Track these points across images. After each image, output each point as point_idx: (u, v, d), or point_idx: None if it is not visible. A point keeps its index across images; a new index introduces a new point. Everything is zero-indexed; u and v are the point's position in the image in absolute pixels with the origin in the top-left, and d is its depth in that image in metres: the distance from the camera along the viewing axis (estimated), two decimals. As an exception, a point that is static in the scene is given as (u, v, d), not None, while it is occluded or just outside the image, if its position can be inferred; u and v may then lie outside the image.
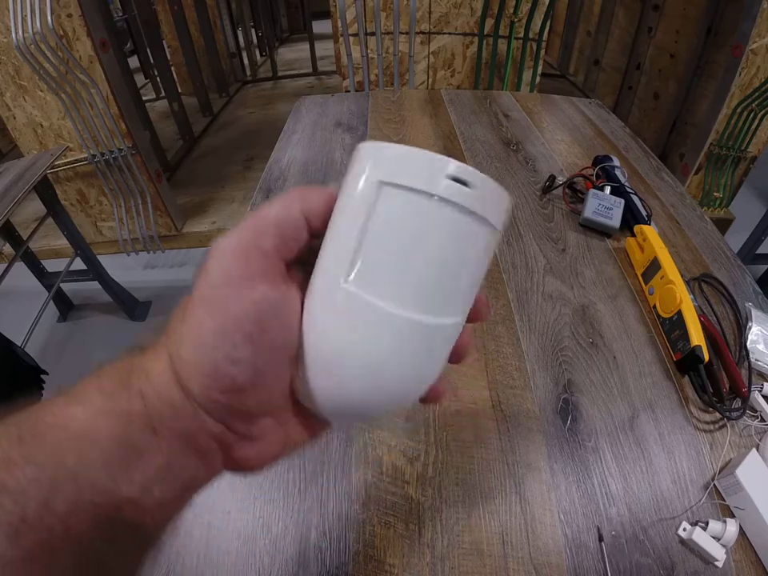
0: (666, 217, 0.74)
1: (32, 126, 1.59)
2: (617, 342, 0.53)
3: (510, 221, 0.72)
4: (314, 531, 0.38)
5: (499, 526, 0.38)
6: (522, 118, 1.05)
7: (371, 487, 0.41)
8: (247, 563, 0.37)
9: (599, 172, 0.76)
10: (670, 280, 0.54)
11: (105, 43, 1.48)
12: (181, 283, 1.84)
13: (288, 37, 4.68)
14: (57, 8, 1.34)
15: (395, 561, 0.37)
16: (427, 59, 1.77)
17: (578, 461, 0.43)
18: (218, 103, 3.14)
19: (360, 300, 0.17)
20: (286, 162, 0.89)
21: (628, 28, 2.40)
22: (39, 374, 1.04)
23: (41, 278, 1.57)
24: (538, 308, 0.57)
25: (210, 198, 2.18)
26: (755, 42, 1.52)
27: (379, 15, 1.60)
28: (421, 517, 0.39)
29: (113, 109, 1.56)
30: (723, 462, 0.43)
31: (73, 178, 1.73)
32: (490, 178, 0.17)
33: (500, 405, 0.47)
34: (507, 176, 0.83)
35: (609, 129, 1.01)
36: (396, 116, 1.05)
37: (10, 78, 1.47)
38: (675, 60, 2.04)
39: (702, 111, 1.86)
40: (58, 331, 1.67)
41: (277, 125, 1.14)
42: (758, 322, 0.54)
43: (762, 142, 1.75)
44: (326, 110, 1.09)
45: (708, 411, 0.47)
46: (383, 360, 0.18)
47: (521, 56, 1.75)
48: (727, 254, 0.67)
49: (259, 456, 0.19)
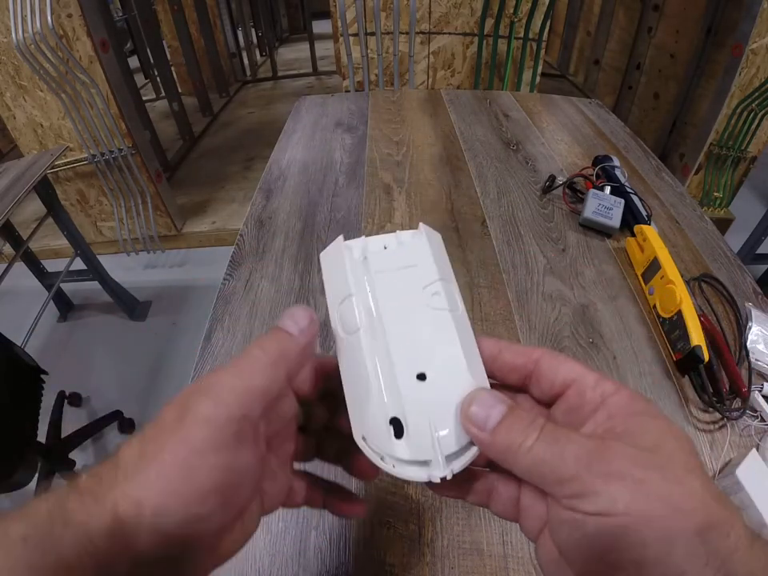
0: (666, 217, 0.74)
1: (32, 126, 1.59)
2: (617, 342, 0.53)
3: (511, 220, 0.72)
4: (314, 531, 0.38)
5: (499, 526, 0.38)
6: (522, 118, 1.05)
7: (371, 487, 0.41)
8: (247, 563, 0.36)
9: (599, 172, 0.76)
10: (670, 280, 0.54)
11: (105, 43, 1.48)
12: (181, 283, 1.84)
13: (288, 37, 4.68)
14: (57, 8, 1.34)
15: (395, 561, 0.37)
16: (427, 59, 1.77)
17: (577, 461, 0.43)
18: (218, 103, 3.14)
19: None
20: (285, 162, 0.89)
21: (628, 28, 2.40)
22: (39, 374, 1.04)
23: (41, 278, 1.57)
24: (538, 308, 0.57)
25: (210, 198, 2.18)
26: (755, 42, 1.52)
27: (379, 15, 1.60)
28: (421, 517, 0.39)
29: (113, 109, 1.56)
30: (723, 461, 0.43)
31: (73, 178, 1.73)
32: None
33: (500, 405, 0.47)
34: (507, 176, 0.83)
35: (609, 129, 1.01)
36: (396, 116, 1.05)
37: (9, 78, 1.47)
38: (675, 60, 2.04)
39: (702, 111, 1.86)
40: (58, 331, 1.67)
41: (277, 125, 1.14)
42: (758, 322, 0.54)
43: (762, 141, 1.75)
44: (326, 110, 1.09)
45: (708, 411, 0.47)
46: None
47: (521, 56, 1.75)
48: (727, 254, 0.67)
49: (230, 546, 0.18)
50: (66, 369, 1.48)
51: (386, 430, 0.19)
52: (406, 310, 0.21)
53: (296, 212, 0.75)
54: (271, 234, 0.70)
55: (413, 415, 0.19)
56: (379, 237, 0.24)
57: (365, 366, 0.20)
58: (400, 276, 0.22)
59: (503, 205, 0.76)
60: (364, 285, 0.22)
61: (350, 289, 0.22)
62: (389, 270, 0.22)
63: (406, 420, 0.19)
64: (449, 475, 0.18)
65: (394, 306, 0.21)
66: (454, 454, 0.19)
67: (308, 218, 0.73)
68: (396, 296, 0.21)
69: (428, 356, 0.20)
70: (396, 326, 0.21)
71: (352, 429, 0.20)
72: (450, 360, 0.20)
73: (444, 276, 0.22)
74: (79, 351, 1.59)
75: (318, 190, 0.80)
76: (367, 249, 0.23)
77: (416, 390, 0.19)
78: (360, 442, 0.20)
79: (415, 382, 0.19)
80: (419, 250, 0.23)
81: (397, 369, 0.19)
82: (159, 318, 1.70)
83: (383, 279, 0.22)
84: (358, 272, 0.22)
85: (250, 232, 0.71)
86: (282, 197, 0.79)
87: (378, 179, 0.82)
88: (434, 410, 0.19)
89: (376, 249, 0.23)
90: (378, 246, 0.24)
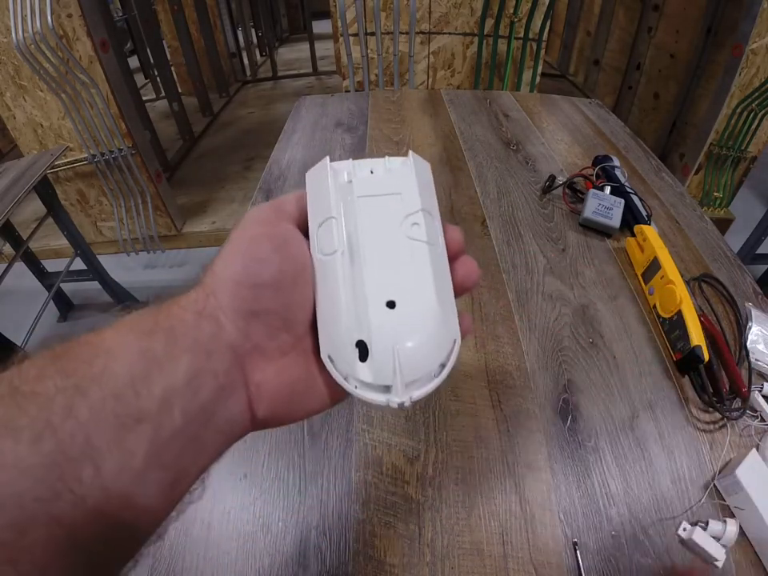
0: (666, 217, 0.74)
1: (32, 126, 1.58)
2: (617, 342, 0.53)
3: (511, 220, 0.72)
4: (314, 531, 0.38)
5: (499, 526, 0.38)
6: (522, 118, 1.05)
7: (371, 487, 0.41)
8: (247, 563, 0.37)
9: (599, 172, 0.76)
10: (670, 280, 0.54)
11: (105, 43, 1.47)
12: (181, 283, 1.83)
13: (288, 37, 4.68)
14: (57, 8, 1.34)
15: (395, 561, 0.37)
16: (427, 59, 1.77)
17: (578, 461, 0.43)
18: (218, 103, 3.14)
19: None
20: (285, 162, 0.89)
21: (628, 28, 2.40)
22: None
23: (41, 278, 1.57)
24: (537, 308, 0.57)
25: (210, 198, 2.17)
26: (755, 42, 1.52)
27: (379, 15, 1.60)
28: (421, 517, 0.39)
29: (113, 109, 1.56)
30: (723, 461, 0.43)
31: (73, 178, 1.73)
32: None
33: (500, 405, 0.47)
34: (507, 176, 0.83)
35: (609, 129, 1.01)
36: (396, 116, 1.05)
37: (9, 78, 1.47)
38: (675, 60, 2.04)
39: (701, 111, 1.86)
40: (58, 331, 1.67)
41: (277, 125, 1.14)
42: (758, 322, 0.54)
43: (762, 141, 1.75)
44: (325, 110, 1.09)
45: (708, 411, 0.47)
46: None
47: (521, 56, 1.75)
48: (727, 254, 0.67)
49: (278, 378, 0.20)
50: (66, 369, 1.47)
51: (351, 351, 0.19)
52: (384, 238, 0.21)
53: (296, 212, 0.75)
54: (271, 234, 0.70)
55: (378, 341, 0.19)
56: (367, 160, 0.24)
57: (337, 288, 0.20)
58: (382, 202, 0.22)
59: (503, 205, 0.76)
60: (345, 208, 0.22)
61: (330, 211, 0.22)
62: (372, 195, 0.22)
63: (371, 345, 0.19)
64: (407, 402, 0.19)
65: (372, 233, 0.21)
66: (415, 382, 0.19)
67: (308, 218, 0.73)
68: (376, 223, 0.22)
69: (400, 285, 0.20)
70: (372, 253, 0.21)
71: (320, 345, 0.21)
72: (420, 291, 0.20)
73: (426, 207, 0.22)
74: (79, 351, 1.59)
75: (318, 190, 0.80)
76: (353, 172, 0.23)
77: (384, 316, 0.20)
78: (326, 361, 0.20)
79: (384, 308, 0.20)
80: (405, 179, 0.23)
81: (368, 294, 0.20)
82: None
83: (365, 204, 0.22)
84: (340, 195, 0.22)
85: (250, 232, 0.71)
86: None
87: (378, 179, 0.82)
88: (400, 338, 0.19)
89: (362, 173, 0.23)
90: (365, 170, 0.24)
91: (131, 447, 0.15)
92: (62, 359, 0.16)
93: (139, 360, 0.16)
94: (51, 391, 0.15)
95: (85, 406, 0.15)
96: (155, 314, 0.18)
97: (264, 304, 0.19)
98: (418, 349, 0.19)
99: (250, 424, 0.19)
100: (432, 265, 0.21)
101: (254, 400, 0.19)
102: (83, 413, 0.15)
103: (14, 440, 0.14)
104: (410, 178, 0.23)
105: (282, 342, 0.20)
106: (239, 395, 0.19)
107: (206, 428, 0.17)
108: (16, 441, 0.14)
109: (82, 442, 0.14)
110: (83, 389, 0.15)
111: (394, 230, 0.22)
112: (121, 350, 0.16)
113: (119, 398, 0.15)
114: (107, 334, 0.17)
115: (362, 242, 0.21)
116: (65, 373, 0.15)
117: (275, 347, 0.20)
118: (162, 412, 0.16)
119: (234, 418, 0.18)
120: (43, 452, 0.14)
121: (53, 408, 0.14)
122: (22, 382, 0.15)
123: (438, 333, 0.20)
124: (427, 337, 0.20)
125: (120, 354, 0.16)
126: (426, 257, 0.21)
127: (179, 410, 0.16)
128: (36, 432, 0.14)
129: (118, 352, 0.16)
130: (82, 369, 0.15)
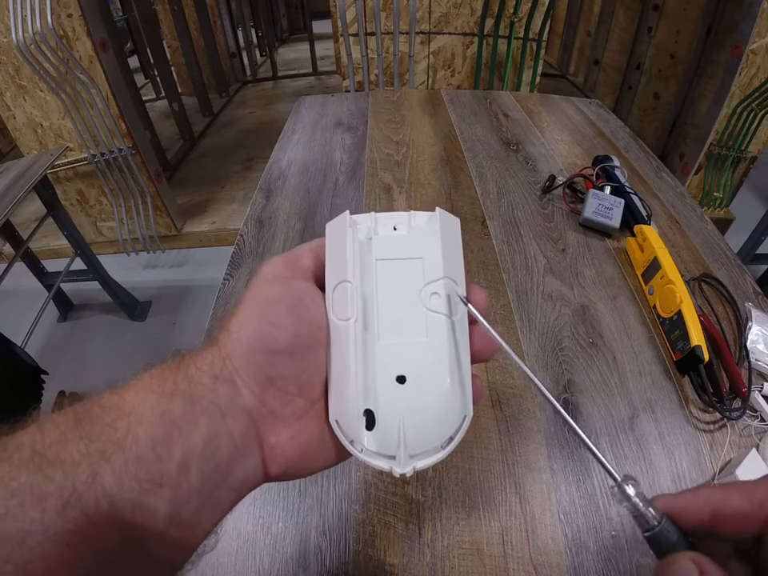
0: (666, 217, 0.74)
1: (32, 125, 1.58)
2: (617, 342, 0.53)
3: (511, 220, 0.72)
4: (314, 531, 0.38)
5: (499, 526, 0.38)
6: (522, 118, 1.05)
7: (371, 487, 0.41)
8: (247, 563, 0.37)
9: (599, 172, 0.76)
10: (670, 280, 0.54)
11: (105, 43, 1.47)
12: (181, 283, 1.84)
13: (288, 37, 4.68)
14: (57, 8, 1.34)
15: (395, 561, 0.37)
16: (427, 59, 1.77)
17: (577, 461, 0.43)
18: (218, 103, 3.14)
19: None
20: (286, 162, 0.89)
21: (628, 28, 2.40)
22: (39, 374, 1.04)
23: (41, 278, 1.57)
24: (537, 308, 0.57)
25: (209, 198, 2.17)
26: (755, 42, 1.52)
27: (379, 15, 1.60)
28: (421, 517, 0.39)
29: (113, 109, 1.56)
30: (723, 461, 0.43)
31: (73, 178, 1.72)
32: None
33: (500, 405, 0.47)
34: (507, 176, 0.83)
35: (609, 129, 1.01)
36: (396, 116, 1.05)
37: (9, 78, 1.47)
38: (675, 60, 2.04)
39: (701, 111, 1.86)
40: (58, 331, 1.67)
41: (277, 125, 1.14)
42: (758, 322, 0.54)
43: (761, 141, 1.75)
44: (325, 110, 1.09)
45: (708, 411, 0.47)
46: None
47: (521, 56, 1.75)
48: (727, 254, 0.67)
49: (292, 441, 0.20)
50: (66, 369, 1.48)
51: (358, 419, 0.20)
52: (401, 308, 0.21)
53: (296, 212, 0.75)
54: (271, 234, 0.70)
55: (384, 414, 0.19)
56: (390, 214, 0.23)
57: (349, 356, 0.20)
58: (402, 267, 0.21)
59: (503, 205, 0.76)
60: (363, 271, 0.21)
61: (347, 275, 0.21)
62: (392, 258, 0.21)
63: (378, 416, 0.19)
64: (410, 472, 0.19)
65: (389, 301, 0.21)
66: (420, 454, 0.20)
67: (308, 218, 0.73)
68: (394, 290, 0.21)
69: (412, 359, 0.20)
70: (387, 324, 0.20)
71: (329, 408, 0.21)
72: (432, 368, 0.20)
73: (449, 273, 0.21)
74: (79, 351, 1.59)
75: (318, 190, 0.80)
76: (374, 228, 0.22)
77: (393, 390, 0.20)
78: (333, 423, 0.20)
79: (394, 383, 0.20)
80: (429, 240, 0.22)
81: (378, 367, 0.20)
82: (159, 318, 1.70)
83: (384, 269, 0.21)
84: (358, 256, 0.21)
85: (250, 232, 0.71)
86: (281, 197, 0.79)
87: (378, 179, 0.82)
88: (407, 413, 0.19)
89: (384, 229, 0.22)
90: (387, 225, 0.22)
91: (153, 509, 0.16)
92: (83, 422, 0.16)
93: (160, 423, 0.17)
94: (76, 457, 0.15)
95: (109, 471, 0.15)
96: (173, 374, 0.18)
97: (279, 370, 0.19)
98: (424, 425, 0.19)
99: (262, 480, 0.20)
100: (448, 339, 0.20)
101: (269, 460, 0.19)
102: (108, 479, 0.15)
103: (41, 508, 0.14)
104: (434, 240, 0.22)
105: (296, 407, 0.20)
106: (254, 456, 0.19)
107: (220, 487, 0.18)
108: (43, 509, 0.14)
109: (106, 509, 0.15)
110: (106, 454, 0.15)
111: (412, 300, 0.21)
112: (142, 413, 0.17)
113: (141, 463, 0.16)
114: (128, 395, 0.17)
115: (377, 311, 0.20)
116: (88, 437, 0.15)
117: (290, 412, 0.20)
118: (181, 474, 0.16)
119: (248, 476, 0.19)
120: (68, 518, 0.14)
121: (78, 475, 0.15)
122: (46, 448, 0.15)
123: (447, 411, 0.20)
124: (434, 414, 0.20)
125: (142, 417, 0.17)
126: (443, 330, 0.20)
127: (196, 472, 0.17)
128: (63, 500, 0.14)
129: (140, 415, 0.17)
130: (106, 433, 0.16)
